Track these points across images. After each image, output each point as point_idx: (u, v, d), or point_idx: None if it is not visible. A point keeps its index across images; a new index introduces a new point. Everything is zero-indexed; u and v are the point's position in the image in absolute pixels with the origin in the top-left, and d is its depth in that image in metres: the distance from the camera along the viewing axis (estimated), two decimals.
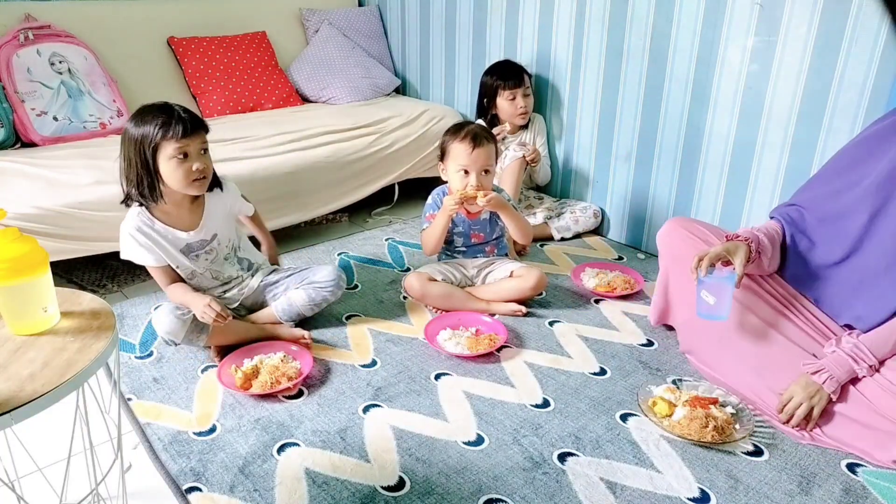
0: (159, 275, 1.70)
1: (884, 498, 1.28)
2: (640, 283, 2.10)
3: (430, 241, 1.99)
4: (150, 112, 1.55)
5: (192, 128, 1.55)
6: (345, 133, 2.57)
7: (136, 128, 1.54)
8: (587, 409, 1.54)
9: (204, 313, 1.61)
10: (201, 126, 1.59)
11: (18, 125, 2.26)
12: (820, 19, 1.80)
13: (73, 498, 1.25)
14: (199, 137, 1.58)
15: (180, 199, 1.66)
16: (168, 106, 1.56)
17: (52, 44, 2.37)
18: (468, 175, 1.88)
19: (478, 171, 1.88)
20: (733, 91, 2.04)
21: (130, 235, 1.63)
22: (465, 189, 1.88)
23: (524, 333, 1.87)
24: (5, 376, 0.91)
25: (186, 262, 1.71)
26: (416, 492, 1.29)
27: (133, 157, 1.56)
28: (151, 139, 1.52)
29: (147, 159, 1.55)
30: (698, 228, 1.71)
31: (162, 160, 1.55)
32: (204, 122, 1.61)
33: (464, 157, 1.87)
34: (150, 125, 1.53)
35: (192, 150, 1.56)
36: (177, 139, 1.53)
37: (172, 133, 1.52)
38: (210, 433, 1.46)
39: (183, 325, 1.62)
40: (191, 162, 1.56)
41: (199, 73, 2.74)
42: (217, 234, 1.75)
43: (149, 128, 1.53)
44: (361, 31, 3.19)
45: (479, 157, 1.87)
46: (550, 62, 2.56)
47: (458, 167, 1.89)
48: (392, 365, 1.71)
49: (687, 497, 1.28)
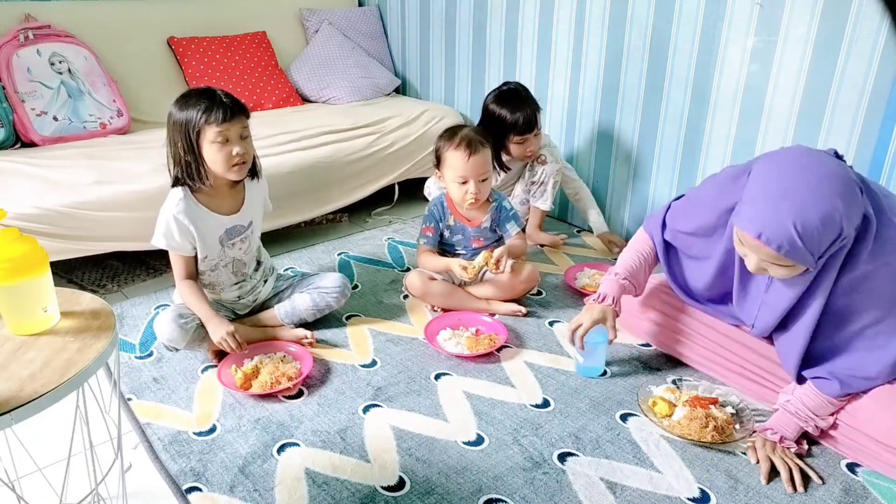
0: (182, 265, 1.69)
1: (884, 498, 1.28)
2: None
3: (425, 268, 2.00)
4: (194, 96, 1.58)
5: (232, 113, 1.57)
6: (345, 133, 2.57)
7: (180, 112, 1.57)
8: (587, 409, 1.54)
9: (223, 341, 1.61)
10: (242, 111, 1.61)
11: (18, 125, 2.26)
12: (820, 19, 1.80)
13: (73, 498, 1.25)
14: (240, 122, 1.60)
15: (223, 184, 1.68)
16: (210, 91, 1.59)
17: (52, 44, 2.37)
18: (466, 184, 1.88)
19: (476, 179, 1.88)
20: (733, 91, 2.04)
21: (173, 218, 1.62)
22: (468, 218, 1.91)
23: (524, 333, 1.87)
24: (5, 376, 0.92)
25: (218, 250, 1.71)
26: (416, 492, 1.29)
27: (178, 141, 1.58)
28: (195, 123, 1.55)
29: (192, 143, 1.57)
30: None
31: (205, 144, 1.57)
32: (245, 108, 1.63)
33: (461, 167, 1.86)
34: (192, 109, 1.55)
35: (232, 135, 1.58)
36: (217, 123, 1.55)
37: (214, 118, 1.54)
38: (210, 433, 1.46)
39: (185, 333, 1.62)
40: (231, 146, 1.58)
41: (199, 73, 2.74)
42: (253, 222, 1.78)
43: (192, 112, 1.55)
44: (361, 31, 3.19)
45: (476, 166, 1.86)
46: (550, 62, 2.55)
47: (456, 177, 1.89)
48: (392, 365, 1.71)
49: (687, 497, 1.28)
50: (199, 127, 1.55)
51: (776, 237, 1.17)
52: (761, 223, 1.18)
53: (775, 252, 1.18)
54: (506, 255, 1.87)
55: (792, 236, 1.15)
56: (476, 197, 1.88)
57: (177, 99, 1.60)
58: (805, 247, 1.16)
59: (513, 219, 1.99)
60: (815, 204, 1.15)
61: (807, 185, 1.16)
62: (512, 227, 1.99)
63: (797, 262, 1.19)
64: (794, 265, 1.22)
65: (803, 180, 1.17)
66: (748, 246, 1.25)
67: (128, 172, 2.07)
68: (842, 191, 1.16)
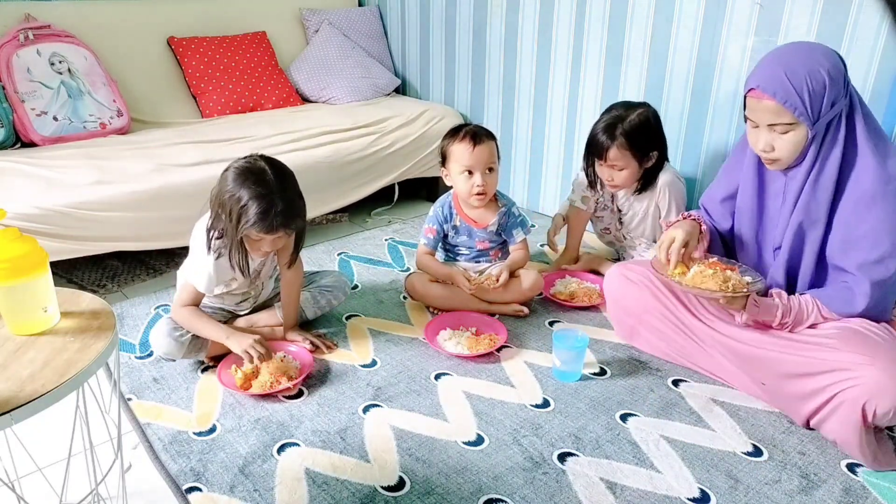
0: (193, 297, 1.65)
1: (884, 498, 1.29)
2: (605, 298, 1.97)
3: (423, 271, 2.00)
4: (254, 184, 1.48)
5: (281, 226, 1.51)
6: (345, 133, 2.57)
7: (236, 189, 1.48)
8: (587, 409, 1.54)
9: (247, 353, 1.60)
10: (293, 224, 1.55)
11: (18, 125, 2.26)
12: (820, 19, 1.80)
13: (73, 498, 1.25)
14: (286, 233, 1.56)
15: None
16: (271, 191, 1.49)
17: (52, 44, 2.37)
18: (472, 175, 1.87)
19: (481, 169, 1.87)
20: (733, 91, 2.04)
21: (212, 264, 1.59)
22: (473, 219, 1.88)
23: (524, 333, 1.87)
24: (5, 376, 0.92)
25: (245, 282, 1.69)
26: (416, 492, 1.29)
27: (222, 212, 1.52)
28: (243, 224, 1.48)
29: (235, 228, 1.51)
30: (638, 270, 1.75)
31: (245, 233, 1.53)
32: (298, 218, 1.57)
33: (466, 157, 1.86)
34: (248, 204, 1.47)
35: (269, 238, 1.54)
36: (263, 232, 1.51)
37: (262, 227, 1.49)
38: (210, 433, 1.46)
39: (181, 346, 1.63)
40: (265, 245, 1.57)
41: (199, 73, 2.74)
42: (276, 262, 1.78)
43: (247, 208, 1.47)
44: (361, 31, 3.19)
45: (481, 155, 1.86)
46: (550, 62, 2.55)
47: (461, 168, 1.88)
48: (392, 365, 1.71)
49: (687, 497, 1.28)
50: (245, 231, 1.50)
51: (771, 84, 1.35)
52: (759, 76, 1.38)
53: (772, 100, 1.35)
54: (506, 271, 1.90)
55: (784, 80, 1.34)
56: (483, 189, 1.87)
57: (239, 168, 1.51)
58: (796, 91, 1.33)
59: (520, 225, 1.99)
60: (801, 59, 1.36)
61: (796, 49, 1.42)
62: (518, 233, 1.98)
63: (793, 111, 1.34)
64: (795, 125, 1.37)
65: (792, 47, 1.44)
66: (753, 112, 1.41)
67: (128, 172, 2.07)
68: (825, 52, 1.38)
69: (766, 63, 1.40)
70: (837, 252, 1.43)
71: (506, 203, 1.98)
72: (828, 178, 1.40)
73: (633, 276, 1.74)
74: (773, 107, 1.36)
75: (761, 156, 1.46)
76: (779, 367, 1.45)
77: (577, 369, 1.66)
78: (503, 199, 1.99)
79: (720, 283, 1.45)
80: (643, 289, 1.71)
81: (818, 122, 1.36)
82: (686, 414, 1.52)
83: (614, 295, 1.79)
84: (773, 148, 1.41)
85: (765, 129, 1.41)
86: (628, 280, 1.74)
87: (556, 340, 1.64)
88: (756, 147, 1.45)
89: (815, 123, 1.35)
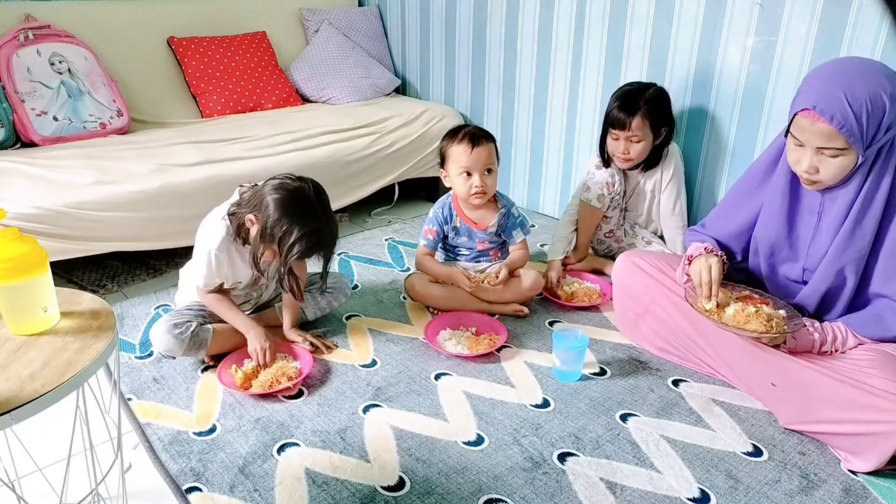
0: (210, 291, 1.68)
1: (884, 498, 1.29)
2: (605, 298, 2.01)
3: (423, 272, 1.99)
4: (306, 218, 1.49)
5: (325, 254, 1.58)
6: (345, 133, 2.57)
7: (284, 220, 1.48)
8: (587, 409, 1.54)
9: (256, 353, 1.64)
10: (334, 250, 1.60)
11: (18, 125, 2.26)
12: (820, 19, 1.80)
13: (73, 498, 1.25)
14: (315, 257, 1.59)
15: None
16: (319, 224, 1.51)
17: (52, 44, 2.37)
18: (471, 177, 1.88)
19: (480, 171, 1.87)
20: (733, 91, 2.04)
21: (216, 256, 1.59)
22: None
23: (524, 333, 1.87)
24: (5, 376, 0.92)
25: (249, 277, 1.70)
26: (416, 492, 1.29)
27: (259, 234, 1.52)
28: (292, 255, 1.49)
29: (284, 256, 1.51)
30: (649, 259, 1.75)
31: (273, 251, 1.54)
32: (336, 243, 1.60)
33: (464, 159, 1.86)
34: (300, 239, 1.48)
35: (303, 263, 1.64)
36: (297, 259, 1.52)
37: (309, 257, 1.55)
38: (210, 433, 1.46)
39: (181, 343, 1.63)
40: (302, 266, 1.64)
41: (199, 73, 2.74)
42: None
43: (298, 242, 1.48)
44: (361, 31, 3.19)
45: (479, 157, 1.86)
46: (550, 62, 2.56)
47: (460, 169, 1.88)
48: (392, 365, 1.71)
49: (687, 497, 1.28)
50: (286, 260, 1.50)
51: (829, 107, 1.27)
52: (816, 96, 1.29)
53: (829, 124, 1.27)
54: (506, 269, 1.90)
55: (843, 104, 1.26)
56: (481, 189, 1.87)
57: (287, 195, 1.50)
58: (854, 117, 1.25)
59: (519, 226, 1.99)
60: (863, 80, 1.27)
61: (855, 69, 1.31)
62: (517, 234, 1.98)
63: (848, 137, 1.27)
64: (846, 150, 1.30)
65: (852, 65, 1.33)
66: (802, 132, 1.33)
67: (128, 172, 2.07)
68: (888, 73, 1.30)
69: (823, 81, 1.31)
70: (881, 280, 1.40)
71: (505, 204, 1.98)
72: (877, 207, 1.35)
73: (643, 265, 1.73)
74: (827, 130, 1.28)
75: (801, 176, 1.39)
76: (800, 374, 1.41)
77: (577, 369, 1.66)
78: (503, 199, 1.99)
79: (763, 322, 1.42)
80: (652, 277, 1.69)
81: (870, 149, 1.29)
82: (686, 414, 1.52)
83: (623, 281, 1.77)
84: (817, 170, 1.34)
85: (811, 150, 1.33)
86: (638, 268, 1.73)
87: (556, 340, 1.64)
88: (797, 167, 1.38)
89: (866, 149, 1.29)
